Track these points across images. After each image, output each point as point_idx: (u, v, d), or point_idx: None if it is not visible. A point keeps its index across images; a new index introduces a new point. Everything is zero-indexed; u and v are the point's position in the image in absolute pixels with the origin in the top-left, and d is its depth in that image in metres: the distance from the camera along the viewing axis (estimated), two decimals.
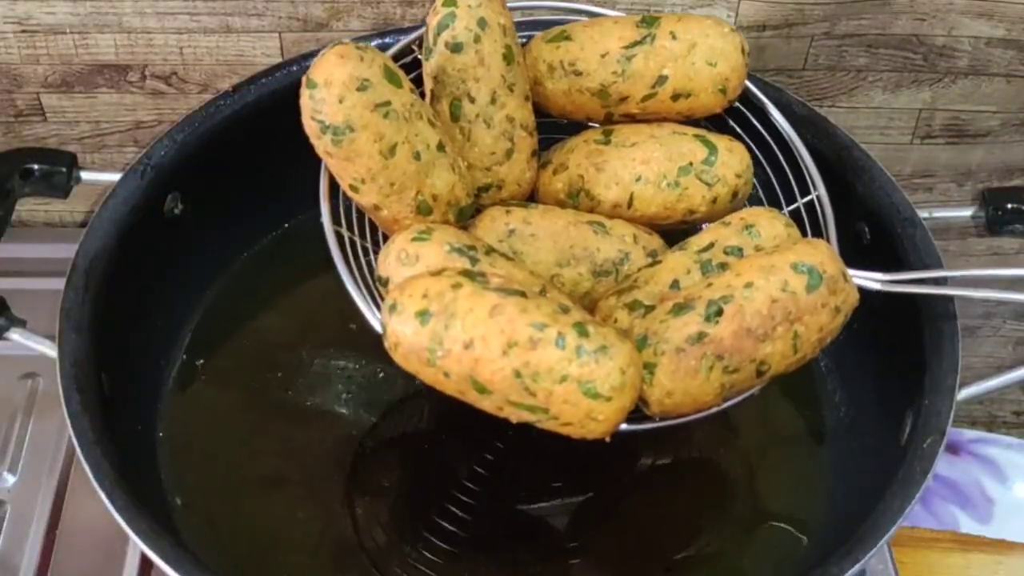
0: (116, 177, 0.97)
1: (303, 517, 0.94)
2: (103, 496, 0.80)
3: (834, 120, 1.04)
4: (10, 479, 1.02)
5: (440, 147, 0.84)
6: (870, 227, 1.00)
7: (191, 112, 1.02)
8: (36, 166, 0.98)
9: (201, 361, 1.03)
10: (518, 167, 0.92)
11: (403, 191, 0.83)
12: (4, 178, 0.96)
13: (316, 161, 0.84)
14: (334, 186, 0.86)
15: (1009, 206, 1.01)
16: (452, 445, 0.99)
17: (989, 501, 1.32)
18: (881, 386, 0.99)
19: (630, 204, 0.92)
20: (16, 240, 1.02)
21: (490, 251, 0.84)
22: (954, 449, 1.35)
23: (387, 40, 1.07)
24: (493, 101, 0.89)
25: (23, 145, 1.20)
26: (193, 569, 0.77)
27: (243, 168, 1.04)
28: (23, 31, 1.13)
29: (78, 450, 0.82)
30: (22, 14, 1.12)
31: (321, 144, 0.80)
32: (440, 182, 0.85)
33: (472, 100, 0.89)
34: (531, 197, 0.95)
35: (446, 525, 0.93)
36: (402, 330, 0.75)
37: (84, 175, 0.99)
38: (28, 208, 1.26)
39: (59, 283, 0.90)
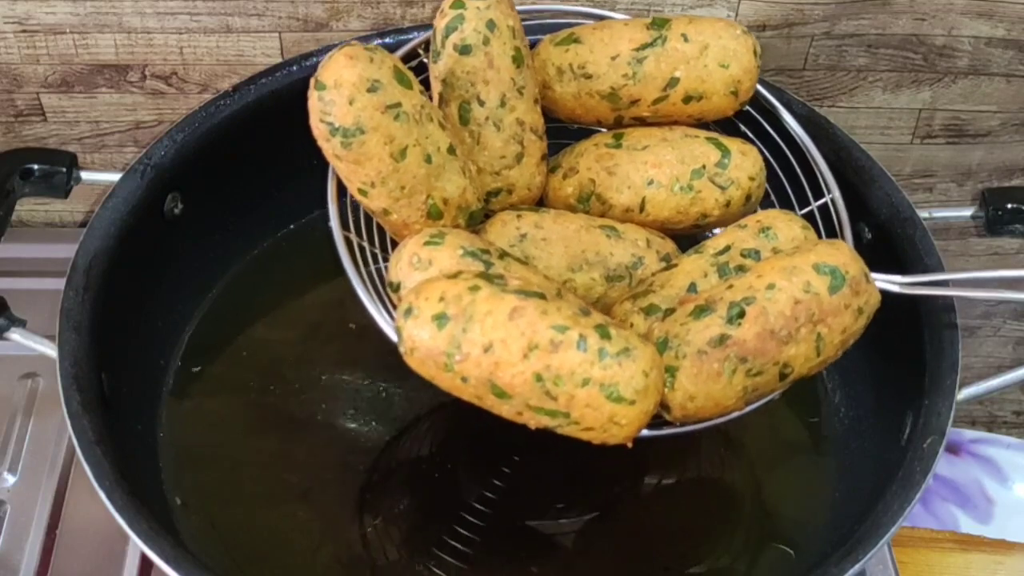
0: (116, 177, 0.97)
1: (304, 519, 0.94)
2: (103, 496, 0.80)
3: (834, 120, 1.04)
4: (10, 479, 1.02)
5: (451, 150, 0.83)
6: (870, 227, 1.00)
7: (191, 112, 1.02)
8: (36, 166, 0.98)
9: (201, 362, 1.03)
10: (528, 171, 0.91)
11: (413, 195, 0.82)
12: (4, 178, 0.96)
13: (317, 162, 0.83)
14: (339, 190, 0.85)
15: (1009, 206, 1.01)
16: (460, 462, 0.99)
17: (989, 501, 1.32)
18: (881, 386, 0.99)
19: (642, 208, 0.91)
20: (16, 240, 1.02)
21: (504, 255, 0.83)
22: (954, 449, 1.35)
23: (387, 40, 1.07)
24: (503, 104, 0.89)
25: (23, 145, 1.20)
26: (193, 569, 0.77)
27: (243, 168, 1.04)
28: (23, 31, 1.13)
29: (78, 450, 0.82)
30: (22, 14, 1.11)
31: (330, 147, 0.79)
32: (451, 186, 0.84)
33: (481, 103, 0.88)
34: (540, 202, 0.95)
35: (454, 543, 0.93)
36: (418, 334, 0.74)
37: (84, 175, 0.99)
38: (28, 208, 1.26)
39: (59, 283, 0.90)
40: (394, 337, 0.77)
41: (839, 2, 1.14)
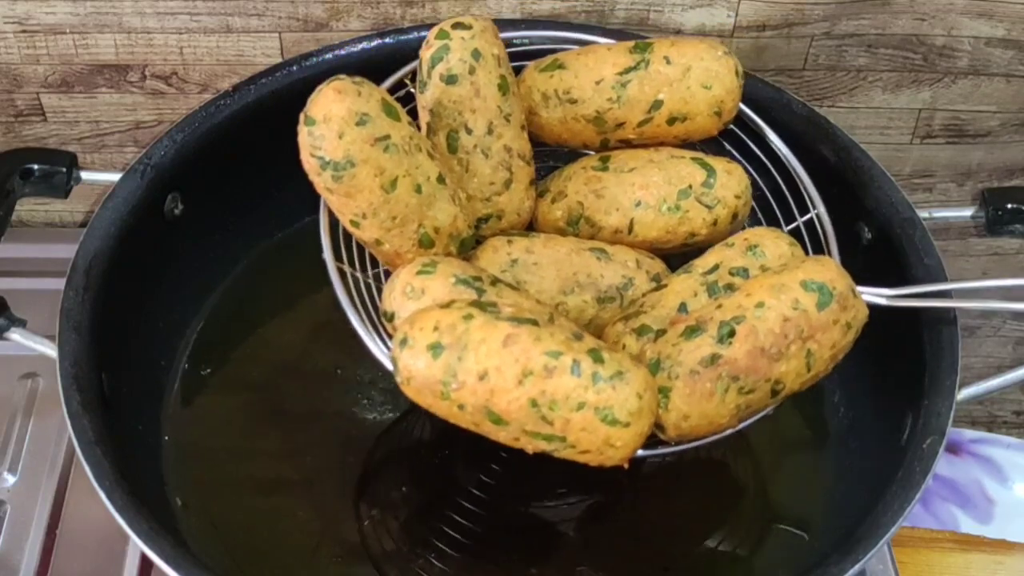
0: (116, 177, 0.97)
1: (304, 518, 0.94)
2: (103, 496, 0.80)
3: (834, 120, 1.04)
4: (10, 479, 1.02)
5: (440, 179, 0.84)
6: (869, 227, 1.00)
7: (191, 112, 1.02)
8: (36, 166, 0.98)
9: (202, 362, 1.03)
10: (517, 196, 0.92)
11: (405, 225, 0.83)
12: (4, 178, 0.96)
13: None
14: (332, 220, 0.86)
15: (1009, 206, 1.01)
16: (458, 453, 0.99)
17: (989, 501, 1.32)
18: (881, 387, 0.99)
19: (631, 229, 0.92)
20: (16, 240, 1.02)
21: (496, 281, 0.83)
22: (954, 449, 1.35)
23: (387, 40, 1.07)
24: (490, 132, 0.89)
25: (23, 145, 1.20)
26: (193, 569, 0.77)
27: (243, 168, 1.04)
28: (23, 31, 1.13)
29: (78, 450, 0.82)
30: (22, 14, 1.12)
31: (321, 181, 0.80)
32: (442, 214, 0.84)
33: (469, 131, 0.89)
34: (530, 226, 0.95)
35: (451, 532, 0.93)
36: (414, 364, 0.75)
37: (84, 175, 0.99)
38: (28, 208, 1.26)
39: (59, 283, 0.90)
40: (390, 367, 0.78)
41: (839, 2, 1.14)
